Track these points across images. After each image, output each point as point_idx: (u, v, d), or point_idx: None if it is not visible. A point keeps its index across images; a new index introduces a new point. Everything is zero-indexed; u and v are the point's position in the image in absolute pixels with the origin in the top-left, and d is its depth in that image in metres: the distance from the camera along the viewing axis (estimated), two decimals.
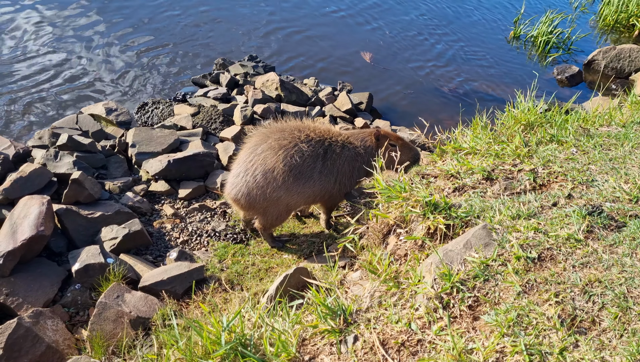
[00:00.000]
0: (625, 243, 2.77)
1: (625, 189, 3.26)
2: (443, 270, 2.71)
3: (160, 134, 5.70)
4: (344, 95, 7.09)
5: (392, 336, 2.58)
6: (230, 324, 2.69)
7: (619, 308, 2.36)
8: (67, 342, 3.62)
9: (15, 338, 3.43)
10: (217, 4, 10.11)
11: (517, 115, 4.82)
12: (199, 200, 5.25)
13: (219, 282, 4.08)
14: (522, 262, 2.72)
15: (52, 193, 4.72)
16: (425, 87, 8.75)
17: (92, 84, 7.30)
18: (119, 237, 4.40)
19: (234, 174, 4.20)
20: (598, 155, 3.76)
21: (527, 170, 3.75)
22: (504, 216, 3.13)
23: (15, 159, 5.01)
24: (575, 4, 13.05)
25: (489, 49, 10.46)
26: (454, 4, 12.05)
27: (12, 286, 3.87)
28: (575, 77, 9.72)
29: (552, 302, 2.45)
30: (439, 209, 3.37)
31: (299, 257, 4.48)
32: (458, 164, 3.99)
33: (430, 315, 2.59)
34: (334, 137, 4.29)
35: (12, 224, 4.06)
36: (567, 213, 3.07)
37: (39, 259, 4.18)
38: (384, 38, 10.09)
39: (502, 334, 2.33)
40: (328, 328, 2.71)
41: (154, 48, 8.35)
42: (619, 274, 2.55)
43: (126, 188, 5.16)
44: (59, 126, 5.76)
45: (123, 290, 3.81)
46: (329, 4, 10.98)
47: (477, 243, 2.90)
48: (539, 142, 4.21)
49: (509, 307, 2.45)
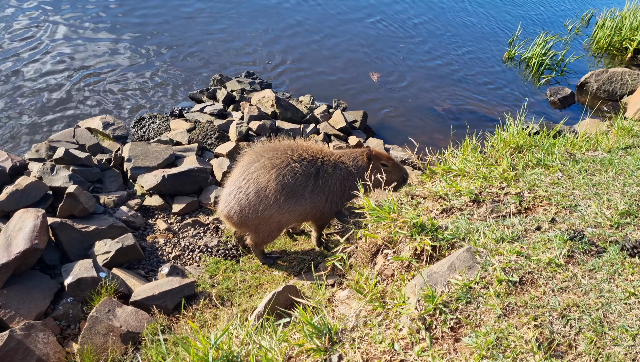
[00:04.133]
0: (604, 269, 2.85)
1: (607, 215, 3.35)
2: (427, 292, 2.78)
3: (156, 149, 5.78)
4: (339, 113, 7.20)
5: (376, 356, 2.64)
6: (217, 341, 2.75)
7: (594, 333, 2.43)
8: (57, 355, 3.65)
9: (6, 351, 3.47)
10: (217, 20, 10.27)
11: (506, 138, 4.93)
12: (192, 215, 5.32)
13: (210, 298, 4.13)
14: (503, 285, 2.79)
15: (48, 206, 4.78)
16: (420, 106, 8.88)
17: (90, 97, 7.39)
18: (112, 252, 4.46)
19: (227, 192, 4.28)
20: (582, 180, 3.86)
21: (513, 194, 3.84)
22: (488, 239, 3.21)
23: (12, 172, 5.08)
24: (569, 26, 13.29)
25: (483, 70, 10.63)
26: (449, 25, 12.26)
27: (4, 298, 3.91)
28: (568, 98, 9.88)
29: (531, 325, 2.52)
30: (425, 231, 3.44)
31: (289, 274, 4.54)
32: (447, 185, 4.08)
33: (413, 336, 2.65)
34: (326, 157, 4.38)
35: (7, 236, 4.11)
36: (549, 237, 3.16)
37: (33, 272, 4.23)
38: (392, 59, 10.24)
39: (482, 357, 2.40)
40: (314, 347, 2.76)
41: (152, 63, 8.47)
42: (597, 299, 2.63)
43: (121, 202, 5.23)
44: (56, 140, 5.83)
45: (114, 304, 3.86)
46: (328, 26, 11.15)
47: (461, 266, 2.98)
48: (526, 165, 4.31)
49: (488, 330, 2.52)
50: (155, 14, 10.12)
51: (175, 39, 9.34)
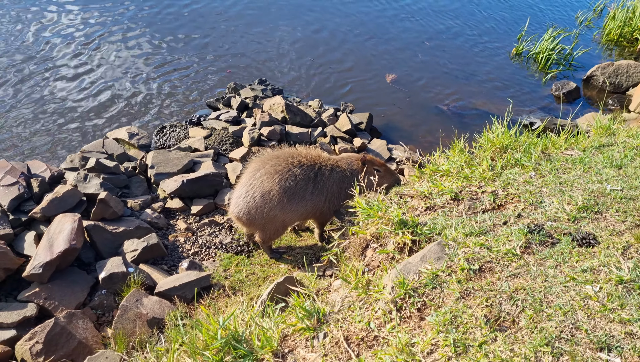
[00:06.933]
0: (554, 257, 3.30)
1: (567, 210, 3.78)
2: (399, 279, 3.28)
3: (176, 156, 6.39)
4: (345, 116, 7.69)
5: (355, 333, 3.16)
6: (225, 323, 3.30)
7: (534, 311, 2.90)
8: (95, 338, 4.29)
9: (52, 335, 4.12)
10: (233, 28, 10.84)
11: (492, 139, 5.34)
12: (209, 215, 5.91)
13: (223, 289, 4.72)
14: (465, 273, 3.27)
15: (82, 211, 5.41)
16: (426, 105, 9.22)
17: (117, 109, 8.07)
18: (138, 250, 5.08)
19: (236, 196, 4.85)
20: (551, 178, 4.28)
21: (489, 192, 4.28)
22: (458, 233, 3.68)
23: (51, 181, 5.74)
24: (580, 18, 13.38)
25: (491, 66, 10.87)
26: (458, 21, 12.54)
27: (49, 291, 4.57)
28: (573, 93, 10.08)
29: (483, 306, 3.00)
30: (407, 227, 3.92)
31: (293, 266, 5.09)
32: (431, 185, 4.55)
33: (385, 316, 3.16)
34: (323, 162, 4.90)
35: (50, 238, 4.76)
36: (512, 231, 3.62)
37: (72, 268, 4.87)
38: (408, 61, 10.66)
39: (438, 331, 2.89)
40: (304, 326, 3.30)
41: (172, 72, 9.10)
42: (542, 283, 3.09)
43: (145, 205, 5.85)
44: (87, 150, 6.49)
45: (141, 295, 4.47)
46: (344, 27, 11.61)
47: (431, 257, 3.46)
48: (505, 165, 4.73)
49: (446, 310, 3.01)
50: (178, 25, 10.77)
51: (195, 48, 9.96)
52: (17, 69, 8.78)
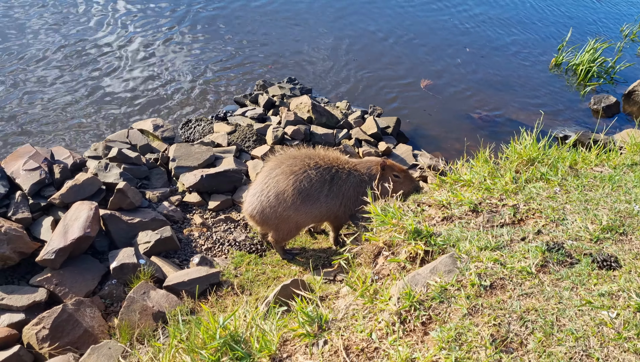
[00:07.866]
0: (571, 278, 3.12)
1: (590, 229, 3.58)
2: (406, 290, 3.16)
3: (198, 150, 6.40)
4: (371, 119, 7.57)
5: (355, 343, 3.05)
6: (225, 322, 3.24)
7: (544, 334, 2.74)
8: (101, 328, 4.30)
9: (59, 321, 4.14)
10: (268, 26, 10.86)
11: (519, 151, 5.15)
12: (225, 211, 5.89)
13: (232, 287, 4.67)
14: (475, 288, 3.12)
15: (100, 199, 5.46)
16: (457, 113, 9.03)
17: (147, 100, 8.15)
18: (151, 242, 5.08)
19: (251, 194, 4.80)
20: (577, 195, 4.07)
21: (510, 206, 4.11)
22: (472, 246, 3.53)
23: (73, 168, 5.82)
24: (626, 31, 12.93)
25: (528, 76, 10.59)
26: (498, 30, 12.26)
27: (60, 277, 4.61)
28: (612, 107, 9.71)
29: (490, 324, 2.85)
30: (421, 236, 3.79)
31: (305, 269, 5.01)
32: (451, 195, 4.40)
33: (389, 328, 3.04)
34: (341, 165, 4.80)
35: (65, 225, 4.81)
36: (529, 248, 3.44)
37: (85, 256, 4.91)
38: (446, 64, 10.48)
39: (441, 348, 2.76)
40: (305, 332, 3.21)
41: (204, 66, 9.17)
42: (555, 305, 2.92)
43: (164, 198, 5.87)
44: (112, 140, 6.57)
45: (149, 288, 4.46)
46: (385, 30, 11.48)
47: (441, 269, 3.33)
48: (530, 179, 4.54)
49: (452, 326, 2.88)
50: (214, 20, 10.85)
51: (227, 43, 10.01)
52: (65, 54, 9.01)
